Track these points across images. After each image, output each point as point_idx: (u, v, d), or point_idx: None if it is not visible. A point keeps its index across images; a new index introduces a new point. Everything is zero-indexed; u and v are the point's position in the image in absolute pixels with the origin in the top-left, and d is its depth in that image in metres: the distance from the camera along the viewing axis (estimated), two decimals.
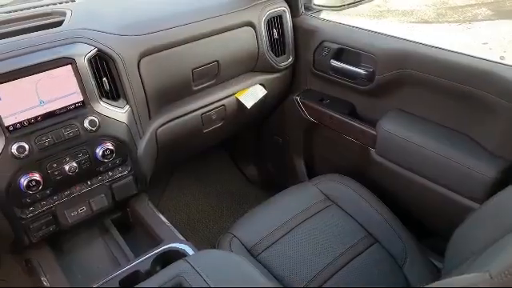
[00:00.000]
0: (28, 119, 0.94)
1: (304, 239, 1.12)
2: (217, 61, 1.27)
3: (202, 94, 1.32)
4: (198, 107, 1.32)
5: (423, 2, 5.24)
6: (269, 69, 1.44)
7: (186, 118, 1.31)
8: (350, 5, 1.47)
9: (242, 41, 1.33)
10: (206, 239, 1.75)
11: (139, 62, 1.11)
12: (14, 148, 0.92)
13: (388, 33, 1.27)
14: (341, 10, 1.49)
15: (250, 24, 1.32)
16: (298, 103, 1.52)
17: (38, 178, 0.97)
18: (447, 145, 1.11)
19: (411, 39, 1.20)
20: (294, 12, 1.44)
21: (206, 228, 1.81)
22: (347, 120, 1.35)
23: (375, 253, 1.10)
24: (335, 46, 1.35)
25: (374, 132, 1.27)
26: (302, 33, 1.45)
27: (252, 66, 1.40)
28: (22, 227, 1.01)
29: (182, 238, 1.10)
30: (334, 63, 1.36)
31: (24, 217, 1.01)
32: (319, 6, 1.48)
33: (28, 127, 0.95)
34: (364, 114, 1.38)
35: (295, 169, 1.69)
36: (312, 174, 1.66)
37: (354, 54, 1.32)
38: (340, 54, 1.36)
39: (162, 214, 1.22)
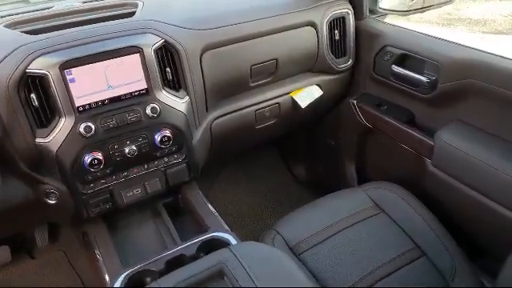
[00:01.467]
0: (96, 102, 1.01)
1: (348, 244, 1.11)
2: (276, 59, 1.29)
3: (257, 91, 1.34)
4: (252, 103, 1.35)
5: (498, 12, 4.93)
6: (327, 70, 1.43)
7: (240, 112, 1.33)
8: (417, 10, 1.43)
9: (303, 40, 1.33)
10: (249, 233, 1.77)
11: (201, 55, 1.15)
12: (81, 127, 0.99)
13: (454, 40, 1.22)
14: (407, 15, 1.45)
15: (312, 24, 1.32)
16: (355, 107, 1.50)
17: (100, 157, 1.03)
18: (510, 161, 1.04)
19: (479, 48, 1.14)
20: (358, 14, 1.42)
21: (251, 223, 1.84)
22: (404, 128, 1.31)
23: (421, 266, 1.06)
24: (398, 51, 1.32)
25: (431, 142, 1.22)
26: (364, 36, 1.42)
27: (310, 66, 1.40)
28: (83, 202, 1.09)
29: (227, 228, 1.13)
30: (396, 69, 1.33)
31: (85, 192, 1.08)
32: (385, 9, 1.45)
33: (95, 109, 1.01)
34: (422, 122, 1.34)
35: (345, 173, 1.67)
36: (362, 179, 1.63)
37: (417, 60, 1.28)
38: (402, 60, 1.33)
39: (211, 203, 1.25)
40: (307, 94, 1.44)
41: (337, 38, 1.39)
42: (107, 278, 1.01)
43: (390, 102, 1.42)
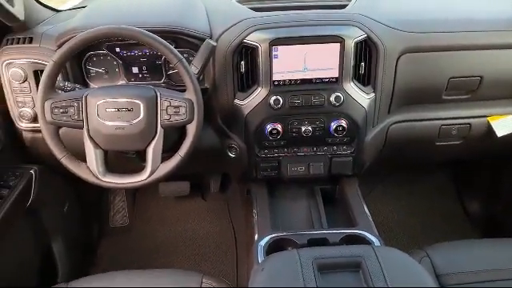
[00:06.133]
0: (290, 79, 1.12)
1: None
2: (481, 76, 1.18)
3: (449, 105, 1.26)
4: (439, 117, 1.27)
5: None
6: None
7: (423, 123, 1.28)
8: None
9: None
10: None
11: (399, 57, 1.14)
12: (272, 99, 1.12)
13: None
14: None
15: None
16: None
17: (279, 129, 1.15)
18: None
19: None
20: None
21: (400, 240, 1.75)
22: None
23: None
24: None
25: None
26: None
27: None
28: (255, 163, 1.23)
29: (375, 231, 1.12)
30: None
31: (259, 155, 1.22)
32: None
33: (287, 86, 1.12)
34: None
35: None
36: None
37: None
38: None
39: (366, 204, 1.25)
40: (508, 123, 1.28)
41: None
42: (256, 235, 1.13)
43: None
